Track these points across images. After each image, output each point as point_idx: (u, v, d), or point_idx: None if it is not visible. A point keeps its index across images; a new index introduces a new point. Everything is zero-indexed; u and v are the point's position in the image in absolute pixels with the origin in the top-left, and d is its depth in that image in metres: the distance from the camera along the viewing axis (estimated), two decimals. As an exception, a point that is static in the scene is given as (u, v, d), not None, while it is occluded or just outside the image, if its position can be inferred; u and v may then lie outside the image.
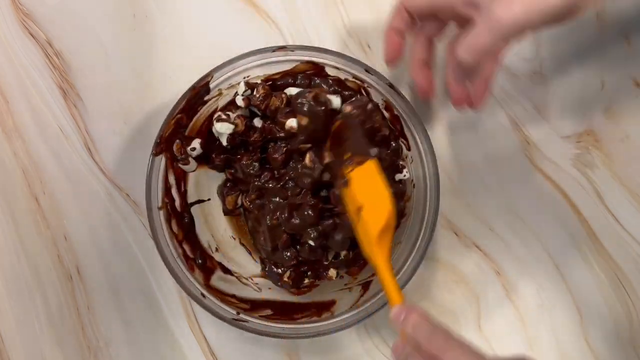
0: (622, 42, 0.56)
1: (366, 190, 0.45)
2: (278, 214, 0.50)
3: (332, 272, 0.53)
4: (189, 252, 0.52)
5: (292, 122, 0.49)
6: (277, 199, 0.51)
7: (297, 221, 0.49)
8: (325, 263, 0.53)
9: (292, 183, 0.50)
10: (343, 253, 0.52)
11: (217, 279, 0.52)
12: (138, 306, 0.55)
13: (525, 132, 0.56)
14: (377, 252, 0.44)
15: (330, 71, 0.52)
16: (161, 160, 0.51)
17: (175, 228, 0.51)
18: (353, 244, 0.50)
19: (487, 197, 0.55)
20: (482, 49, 0.40)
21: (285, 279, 0.53)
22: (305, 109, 0.48)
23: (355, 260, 0.53)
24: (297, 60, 0.52)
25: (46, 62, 0.58)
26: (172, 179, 0.52)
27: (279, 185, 0.51)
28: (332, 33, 0.58)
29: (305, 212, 0.49)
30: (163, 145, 0.50)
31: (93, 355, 0.55)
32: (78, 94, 0.58)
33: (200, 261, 0.52)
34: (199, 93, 0.51)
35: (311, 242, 0.50)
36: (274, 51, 0.51)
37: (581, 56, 0.56)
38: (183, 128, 0.52)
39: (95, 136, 0.57)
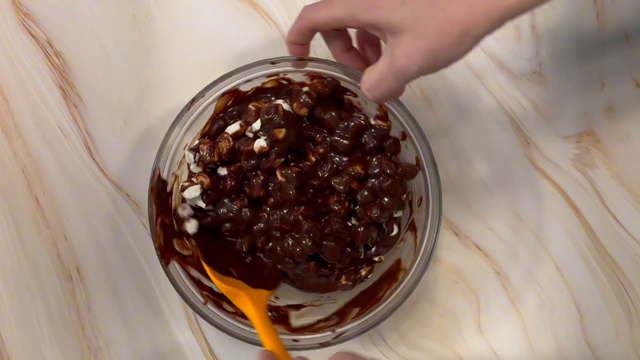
0: (622, 42, 0.56)
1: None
2: (294, 250, 0.49)
3: (378, 256, 0.52)
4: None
5: (260, 143, 0.48)
6: (285, 241, 0.50)
7: (307, 247, 0.49)
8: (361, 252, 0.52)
9: (285, 210, 0.50)
10: (373, 236, 0.51)
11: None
12: (138, 306, 0.55)
13: (525, 132, 0.56)
14: (239, 307, 0.48)
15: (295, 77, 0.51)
16: (175, 265, 0.50)
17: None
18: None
19: (487, 197, 0.55)
20: (387, 92, 0.42)
21: (343, 282, 0.52)
22: (279, 120, 0.47)
23: (387, 239, 0.52)
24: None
25: (46, 62, 0.58)
26: (195, 273, 0.51)
27: (278, 220, 0.50)
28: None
29: (304, 242, 0.48)
30: (166, 252, 0.50)
31: (93, 355, 0.55)
32: (78, 94, 0.58)
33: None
34: (159, 190, 0.50)
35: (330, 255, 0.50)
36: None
37: (581, 56, 0.56)
38: (171, 225, 0.51)
39: (95, 136, 0.57)
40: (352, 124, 0.48)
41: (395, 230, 0.51)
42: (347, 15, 0.42)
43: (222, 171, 0.51)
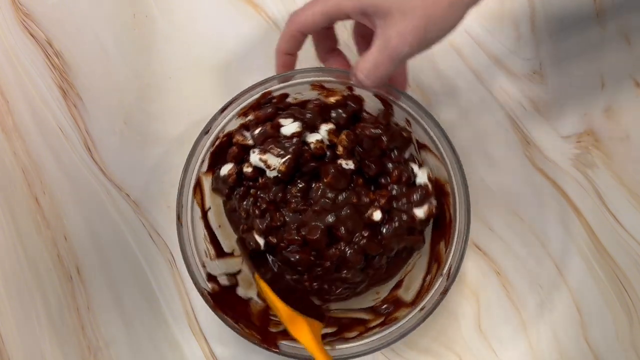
0: (622, 42, 0.56)
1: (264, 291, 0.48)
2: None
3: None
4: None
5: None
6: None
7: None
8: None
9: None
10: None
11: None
12: (138, 306, 0.55)
13: (525, 132, 0.56)
14: (297, 336, 0.46)
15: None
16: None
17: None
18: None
19: (487, 197, 0.55)
20: (383, 75, 0.42)
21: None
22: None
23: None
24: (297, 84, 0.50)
25: (46, 62, 0.58)
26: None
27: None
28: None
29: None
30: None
31: (93, 355, 0.55)
32: (78, 94, 0.58)
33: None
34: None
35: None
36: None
37: (581, 56, 0.56)
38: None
39: (95, 136, 0.57)
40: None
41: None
42: (332, 8, 0.42)
43: (313, 137, 0.49)
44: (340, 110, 0.50)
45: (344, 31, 0.52)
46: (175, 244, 0.50)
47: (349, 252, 0.47)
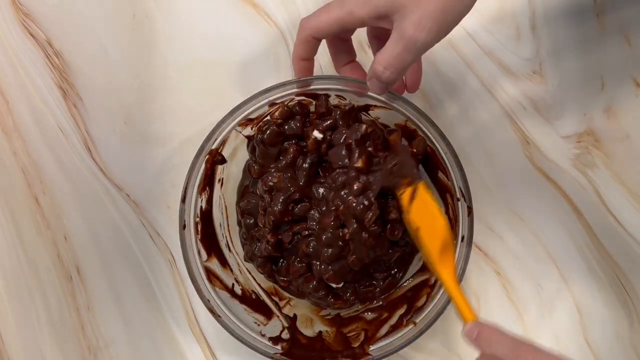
0: (622, 42, 0.56)
1: (420, 212, 0.46)
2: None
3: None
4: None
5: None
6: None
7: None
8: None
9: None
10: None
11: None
12: (138, 306, 0.55)
13: (525, 132, 0.56)
14: (441, 271, 0.45)
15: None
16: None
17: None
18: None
19: (487, 197, 0.55)
20: (402, 66, 0.41)
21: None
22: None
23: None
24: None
25: (46, 62, 0.58)
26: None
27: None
28: (332, 33, 0.58)
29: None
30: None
31: (93, 355, 0.55)
32: (78, 94, 0.58)
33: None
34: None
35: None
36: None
37: (581, 56, 0.56)
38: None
39: (95, 136, 0.57)
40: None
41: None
42: (346, 14, 0.42)
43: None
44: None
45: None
46: (175, 244, 0.51)
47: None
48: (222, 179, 0.53)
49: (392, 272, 0.52)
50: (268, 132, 0.49)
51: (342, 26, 0.43)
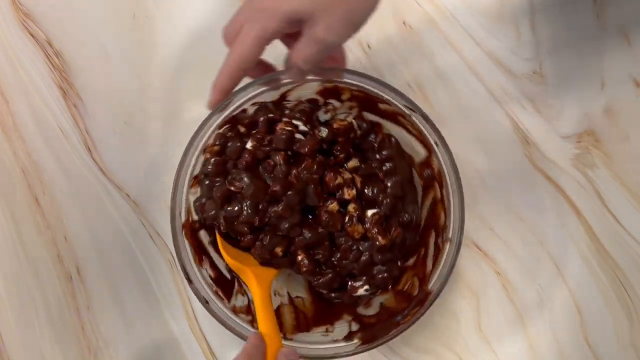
0: (622, 42, 0.56)
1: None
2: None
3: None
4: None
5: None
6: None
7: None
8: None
9: None
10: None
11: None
12: (138, 306, 0.55)
13: (525, 132, 0.56)
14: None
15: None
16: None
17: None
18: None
19: (487, 197, 0.55)
20: (313, 60, 0.43)
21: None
22: None
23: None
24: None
25: (46, 62, 0.58)
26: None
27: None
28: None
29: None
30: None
31: (93, 355, 0.55)
32: (78, 94, 0.58)
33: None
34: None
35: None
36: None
37: (581, 56, 0.56)
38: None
39: (95, 136, 0.57)
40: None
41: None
42: (260, 31, 0.42)
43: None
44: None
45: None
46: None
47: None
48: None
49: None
50: (211, 163, 0.49)
51: (261, 45, 0.43)
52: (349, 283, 0.51)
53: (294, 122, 0.49)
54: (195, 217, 0.51)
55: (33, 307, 0.55)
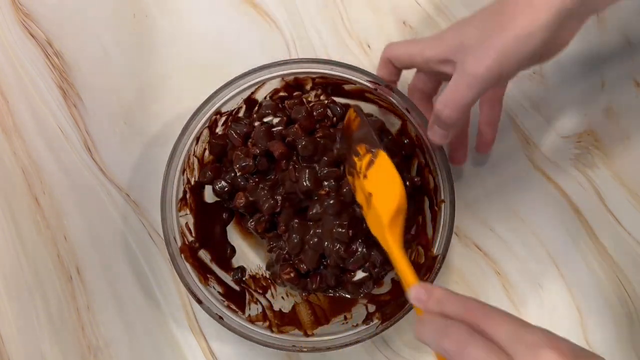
0: (622, 42, 0.56)
1: (377, 177, 0.46)
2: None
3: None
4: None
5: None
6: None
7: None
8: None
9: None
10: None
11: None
12: (138, 306, 0.55)
13: (525, 132, 0.56)
14: (389, 238, 0.44)
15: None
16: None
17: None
18: None
19: (487, 197, 0.55)
20: (462, 103, 0.42)
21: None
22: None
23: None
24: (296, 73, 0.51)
25: (46, 62, 0.58)
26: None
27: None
28: (333, 33, 0.58)
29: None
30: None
31: (93, 355, 0.55)
32: (78, 94, 0.58)
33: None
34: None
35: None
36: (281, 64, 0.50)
37: (581, 56, 0.56)
38: None
39: (95, 136, 0.57)
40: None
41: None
42: (417, 50, 0.44)
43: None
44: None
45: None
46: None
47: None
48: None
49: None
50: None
51: (411, 61, 0.46)
52: (345, 274, 0.51)
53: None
54: (191, 238, 0.51)
55: (33, 307, 0.55)
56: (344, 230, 0.48)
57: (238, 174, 0.50)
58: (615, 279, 0.54)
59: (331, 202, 0.49)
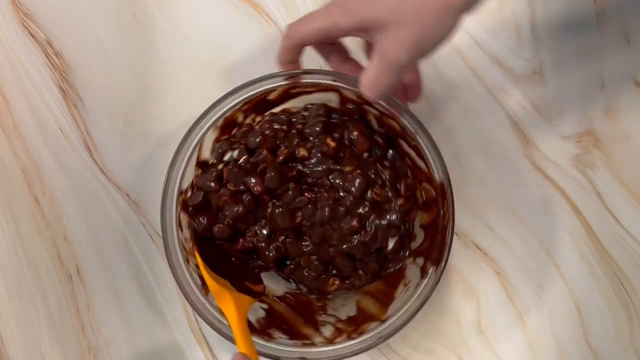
0: (622, 42, 0.56)
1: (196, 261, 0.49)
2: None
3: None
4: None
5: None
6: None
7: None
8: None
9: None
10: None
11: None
12: (138, 306, 0.55)
13: (525, 132, 0.56)
14: (222, 308, 0.48)
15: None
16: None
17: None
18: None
19: (487, 197, 0.55)
20: (386, 87, 0.42)
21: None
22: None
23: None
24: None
25: (46, 62, 0.58)
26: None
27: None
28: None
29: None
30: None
31: (93, 355, 0.55)
32: (78, 94, 0.58)
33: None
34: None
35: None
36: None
37: (581, 56, 0.56)
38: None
39: (95, 136, 0.57)
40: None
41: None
42: (330, 25, 0.43)
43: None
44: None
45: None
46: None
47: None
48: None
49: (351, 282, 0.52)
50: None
51: (326, 36, 0.44)
52: (381, 252, 0.51)
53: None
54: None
55: (33, 307, 0.55)
56: (352, 225, 0.48)
57: (231, 222, 0.50)
58: (615, 279, 0.54)
59: (323, 210, 0.49)
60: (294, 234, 0.50)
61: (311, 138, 0.50)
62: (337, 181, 0.49)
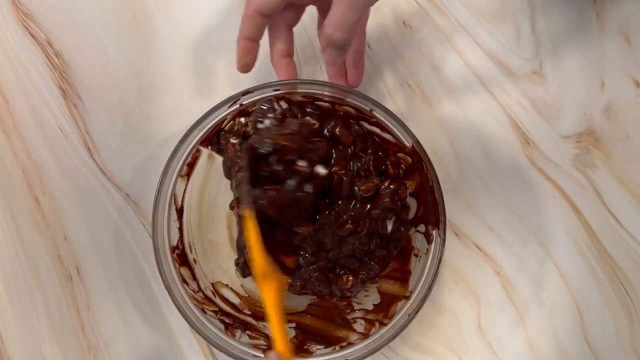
0: (622, 42, 0.56)
1: (246, 235, 0.45)
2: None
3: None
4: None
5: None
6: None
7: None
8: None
9: None
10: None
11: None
12: (138, 306, 0.55)
13: (525, 132, 0.56)
14: (262, 293, 0.45)
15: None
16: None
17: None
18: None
19: (487, 197, 0.55)
20: (351, 24, 0.42)
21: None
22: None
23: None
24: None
25: (46, 62, 0.58)
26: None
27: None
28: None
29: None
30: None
31: (93, 356, 0.55)
32: (78, 94, 0.58)
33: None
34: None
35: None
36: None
37: (581, 56, 0.56)
38: None
39: (95, 136, 0.57)
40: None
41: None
42: None
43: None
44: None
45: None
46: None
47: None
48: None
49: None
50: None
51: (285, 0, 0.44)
52: (384, 237, 0.51)
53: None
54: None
55: (33, 307, 0.55)
56: (347, 227, 0.48)
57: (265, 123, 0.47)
58: (615, 279, 0.54)
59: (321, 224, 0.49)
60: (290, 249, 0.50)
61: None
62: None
